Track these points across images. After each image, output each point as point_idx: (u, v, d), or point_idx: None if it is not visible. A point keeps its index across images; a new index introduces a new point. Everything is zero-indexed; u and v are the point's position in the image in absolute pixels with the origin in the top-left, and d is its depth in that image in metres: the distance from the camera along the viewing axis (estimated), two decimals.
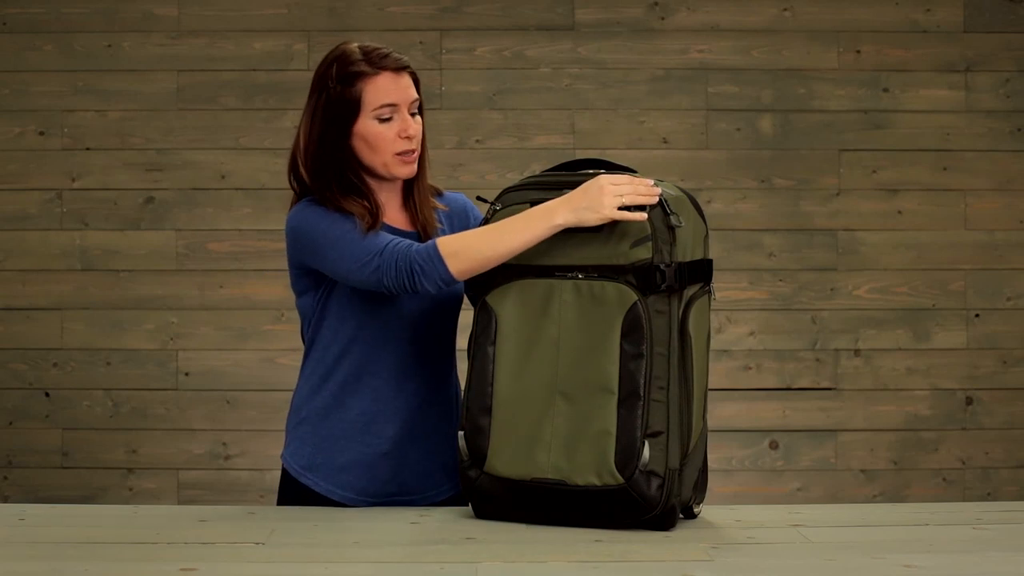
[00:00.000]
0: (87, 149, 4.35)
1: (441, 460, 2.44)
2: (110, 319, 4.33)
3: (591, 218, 2.12)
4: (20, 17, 4.34)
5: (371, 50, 2.36)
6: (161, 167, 4.35)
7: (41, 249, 4.34)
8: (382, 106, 2.34)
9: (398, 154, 2.36)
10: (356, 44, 2.38)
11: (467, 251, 2.20)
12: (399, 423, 2.41)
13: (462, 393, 2.27)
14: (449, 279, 2.22)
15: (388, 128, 2.35)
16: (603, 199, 2.11)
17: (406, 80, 2.37)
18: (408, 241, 2.28)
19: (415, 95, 2.38)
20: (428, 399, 2.43)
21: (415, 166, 2.40)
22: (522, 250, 2.18)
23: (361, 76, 2.34)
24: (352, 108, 2.34)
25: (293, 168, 2.42)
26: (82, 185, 4.35)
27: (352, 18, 4.36)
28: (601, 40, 4.38)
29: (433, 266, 2.22)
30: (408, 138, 2.36)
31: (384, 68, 2.34)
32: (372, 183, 2.41)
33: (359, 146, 2.37)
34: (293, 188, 2.45)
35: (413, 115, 2.38)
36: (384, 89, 2.34)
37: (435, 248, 2.22)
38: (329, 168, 2.37)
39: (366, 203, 2.36)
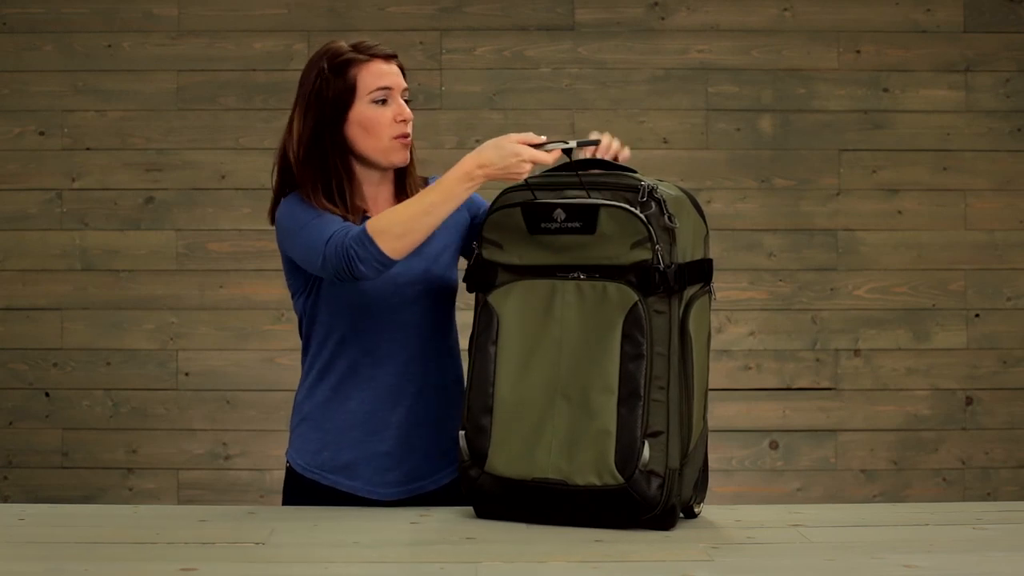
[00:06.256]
0: (87, 149, 4.35)
1: (449, 442, 2.39)
2: (110, 319, 4.33)
3: (496, 160, 2.22)
4: (20, 17, 4.34)
5: (358, 42, 2.40)
6: (161, 167, 4.35)
7: (41, 249, 4.34)
8: (377, 88, 2.37)
9: (395, 138, 2.38)
10: (342, 41, 2.42)
11: (394, 226, 2.22)
12: (402, 411, 2.40)
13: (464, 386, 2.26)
14: (384, 259, 2.22)
15: (384, 111, 2.38)
16: (511, 143, 2.21)
17: (396, 68, 2.41)
18: (349, 226, 2.27)
19: (405, 83, 2.42)
20: (429, 384, 2.42)
21: (408, 152, 2.42)
22: (447, 213, 2.24)
23: (353, 63, 2.37)
24: (347, 94, 2.37)
25: (282, 164, 2.42)
26: (82, 185, 4.35)
27: (352, 18, 4.36)
28: (601, 40, 4.38)
29: (366, 248, 2.22)
30: (404, 121, 2.39)
31: (375, 55, 2.38)
32: (363, 174, 2.41)
33: (355, 133, 2.38)
34: (272, 188, 2.44)
35: (406, 102, 2.41)
36: (377, 73, 2.38)
37: (365, 230, 2.23)
38: (320, 162, 2.37)
39: (346, 204, 2.35)
